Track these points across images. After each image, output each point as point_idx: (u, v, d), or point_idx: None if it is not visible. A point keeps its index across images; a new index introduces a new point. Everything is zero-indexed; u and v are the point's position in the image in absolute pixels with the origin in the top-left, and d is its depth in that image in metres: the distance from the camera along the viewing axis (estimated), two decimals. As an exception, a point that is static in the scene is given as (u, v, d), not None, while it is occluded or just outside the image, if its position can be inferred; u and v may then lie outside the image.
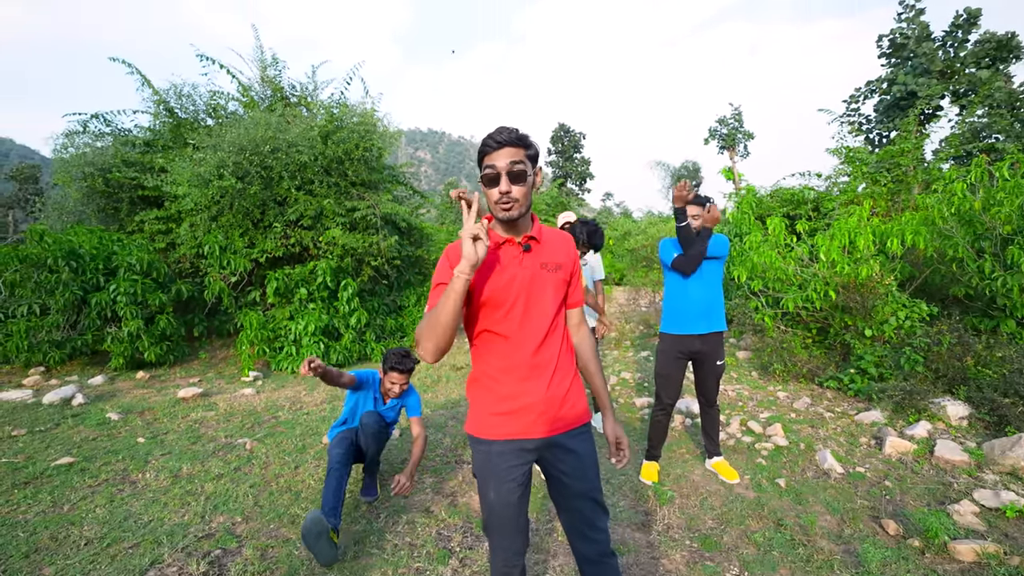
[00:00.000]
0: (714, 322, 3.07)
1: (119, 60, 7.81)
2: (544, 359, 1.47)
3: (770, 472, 3.25)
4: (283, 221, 6.86)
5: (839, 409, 4.23)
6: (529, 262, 1.47)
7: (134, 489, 3.04)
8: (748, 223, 7.11)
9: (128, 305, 5.81)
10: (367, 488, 2.99)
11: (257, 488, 3.06)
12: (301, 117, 7.86)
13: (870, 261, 4.71)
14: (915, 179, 7.23)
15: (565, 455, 1.50)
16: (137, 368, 6.05)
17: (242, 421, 4.36)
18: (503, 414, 1.47)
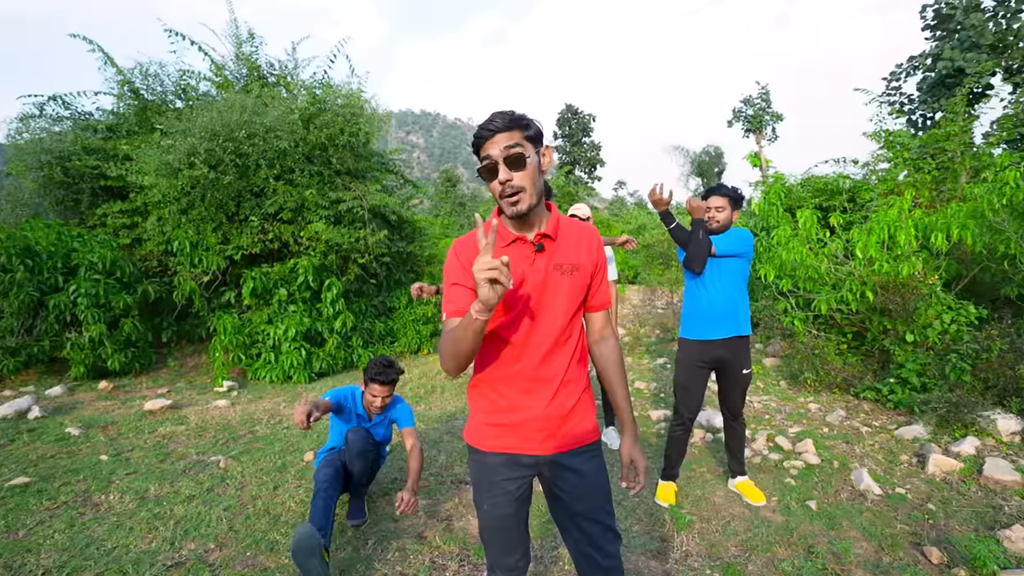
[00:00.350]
0: (738, 325, 3.06)
1: (79, 36, 7.84)
2: (549, 371, 1.47)
3: (800, 493, 3.25)
4: (260, 214, 6.88)
5: (877, 423, 4.23)
6: (541, 263, 1.45)
7: (96, 512, 3.05)
8: (776, 215, 7.09)
9: (89, 308, 5.84)
10: (354, 511, 3.00)
11: (232, 511, 3.07)
12: (280, 99, 7.87)
13: (912, 258, 4.70)
14: (963, 166, 7.21)
15: (565, 473, 1.51)
16: (99, 377, 6.08)
17: (215, 436, 4.38)
18: (499, 426, 1.50)
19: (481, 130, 1.40)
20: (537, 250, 1.46)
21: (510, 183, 1.37)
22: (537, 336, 1.46)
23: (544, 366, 1.46)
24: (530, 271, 1.45)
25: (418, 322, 8.07)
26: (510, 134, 1.38)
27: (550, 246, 1.48)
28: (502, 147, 1.36)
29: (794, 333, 5.43)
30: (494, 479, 1.50)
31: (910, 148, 7.95)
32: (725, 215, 3.06)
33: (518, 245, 1.48)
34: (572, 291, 1.48)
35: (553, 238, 1.48)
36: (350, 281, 7.34)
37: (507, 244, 1.47)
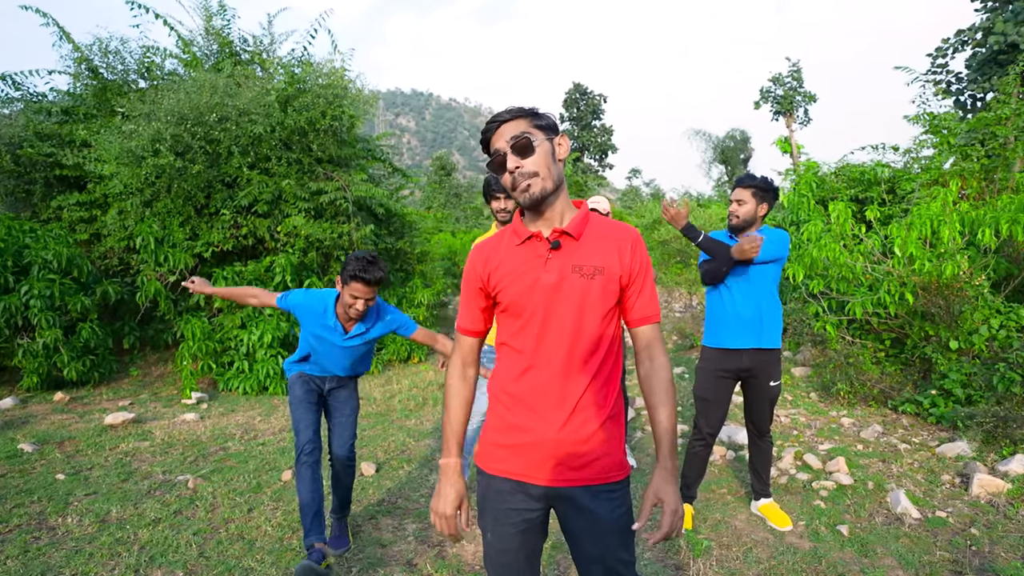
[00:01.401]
0: (764, 336, 3.08)
1: (31, 9, 7.90)
2: (563, 390, 1.45)
3: (830, 517, 3.28)
4: (233, 207, 6.93)
5: (917, 439, 4.26)
6: (556, 263, 1.45)
7: (53, 536, 3.10)
8: (807, 208, 7.13)
9: (43, 311, 5.89)
10: (337, 538, 3.04)
11: (202, 536, 3.12)
12: (255, 78, 7.92)
13: (956, 256, 4.73)
14: (1016, 153, 7.24)
15: (577, 514, 1.49)
16: (55, 388, 6.14)
17: (183, 454, 4.43)
18: (505, 447, 1.51)
19: (488, 124, 1.46)
20: (552, 248, 1.46)
21: (520, 170, 1.41)
22: (548, 347, 1.45)
23: (556, 383, 1.45)
24: (543, 272, 1.45)
25: (408, 327, 8.10)
26: (516, 123, 1.44)
27: (569, 245, 1.47)
28: (508, 137, 1.42)
29: (826, 340, 5.47)
30: (499, 507, 1.50)
31: (957, 133, 7.98)
32: (747, 209, 3.06)
33: (532, 243, 1.49)
34: (594, 297, 1.44)
35: (574, 237, 1.47)
36: (332, 281, 7.40)
37: (521, 242, 1.50)
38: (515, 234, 1.53)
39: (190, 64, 8.14)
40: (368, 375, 7.31)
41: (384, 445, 4.67)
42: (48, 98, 8.16)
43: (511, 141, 1.41)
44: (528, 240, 1.49)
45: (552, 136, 1.48)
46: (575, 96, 39.54)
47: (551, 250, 1.46)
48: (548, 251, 1.47)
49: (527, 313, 1.46)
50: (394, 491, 3.77)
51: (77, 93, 8.06)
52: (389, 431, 5.04)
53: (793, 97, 28.93)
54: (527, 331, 1.47)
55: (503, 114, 1.45)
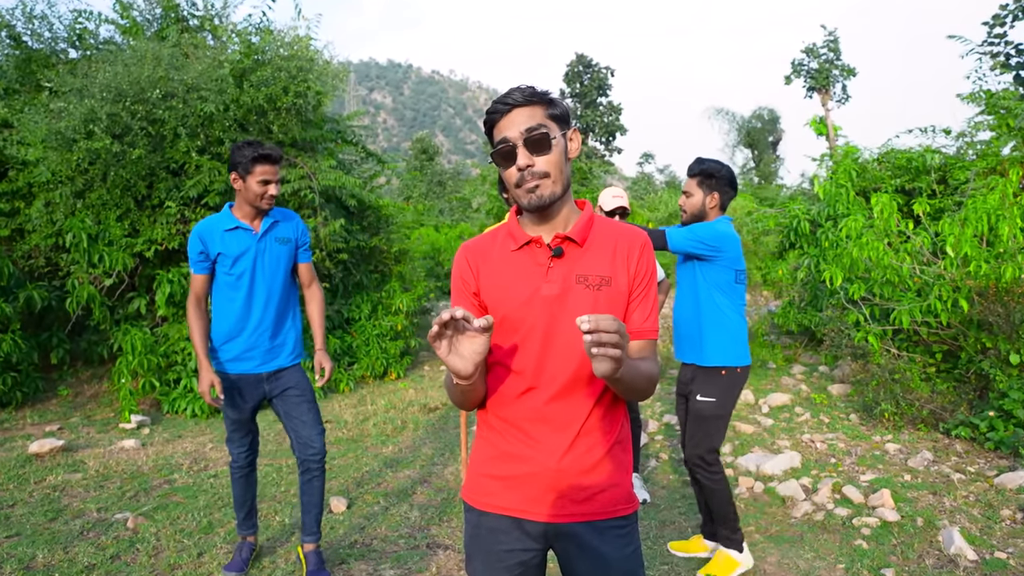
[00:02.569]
0: (689, 350, 3.26)
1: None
2: (565, 413, 1.46)
3: (874, 559, 3.31)
4: (179, 198, 6.91)
5: (972, 468, 4.30)
6: (559, 273, 1.46)
7: (-32, 586, 3.08)
8: (846, 201, 7.19)
9: (-43, 320, 5.85)
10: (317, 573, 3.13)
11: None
12: (205, 48, 7.91)
13: (1018, 257, 4.78)
14: (1084, 137, 7.32)
15: (581, 554, 1.50)
16: (-30, 410, 6.09)
17: (121, 487, 4.40)
18: (499, 478, 1.52)
19: (496, 103, 1.45)
20: (554, 255, 1.47)
21: (531, 169, 1.41)
22: (551, 366, 1.46)
23: (558, 405, 1.46)
24: (543, 282, 1.46)
25: (384, 337, 8.12)
26: (531, 111, 1.43)
27: (573, 252, 1.48)
28: (522, 128, 1.41)
29: (868, 353, 5.50)
30: (491, 547, 1.50)
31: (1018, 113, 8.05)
32: (693, 202, 3.23)
33: (531, 248, 1.50)
34: (602, 310, 1.44)
35: (578, 243, 1.48)
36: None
37: (518, 247, 1.51)
38: (510, 237, 1.54)
39: (129, 31, 8.12)
40: (339, 394, 7.30)
41: (356, 476, 4.66)
42: (-39, 70, 8.12)
43: (525, 133, 1.41)
44: (526, 246, 1.50)
45: (566, 130, 1.49)
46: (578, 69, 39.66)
47: (553, 258, 1.47)
48: (549, 259, 1.48)
49: (525, 328, 1.47)
50: (368, 530, 3.77)
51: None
52: (362, 459, 5.03)
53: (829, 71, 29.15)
54: (526, 348, 1.48)
55: (515, 95, 1.44)
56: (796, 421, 5.54)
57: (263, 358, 3.07)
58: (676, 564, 3.35)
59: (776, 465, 4.46)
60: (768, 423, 5.51)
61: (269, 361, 3.09)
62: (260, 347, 3.06)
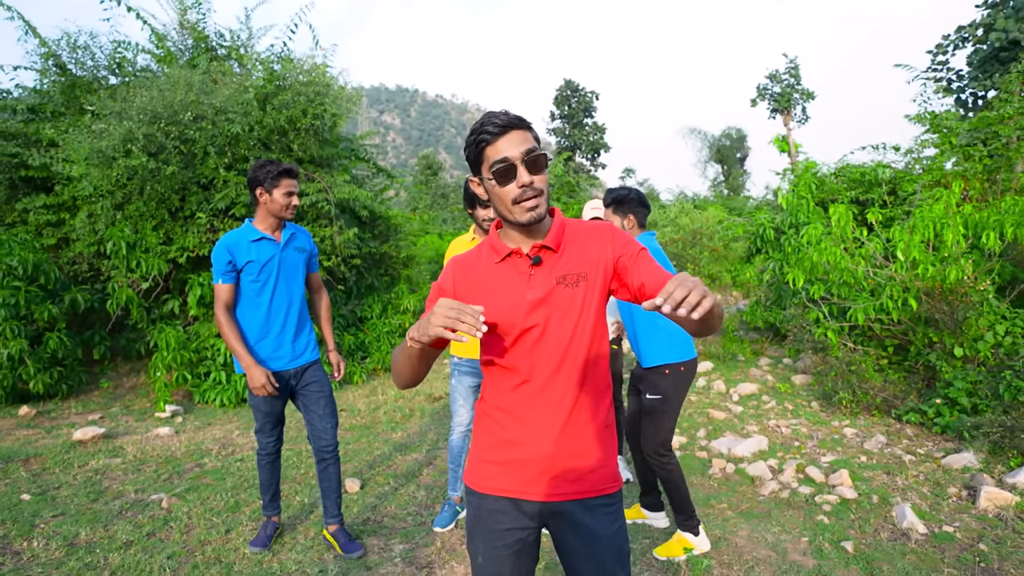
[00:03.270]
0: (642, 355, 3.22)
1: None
2: (556, 401, 1.47)
3: (834, 533, 3.29)
4: (209, 210, 6.86)
5: (922, 450, 4.29)
6: (541, 279, 1.48)
7: (18, 562, 3.04)
8: (806, 210, 7.18)
9: (8, 320, 5.80)
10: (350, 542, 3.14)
11: (177, 560, 3.07)
12: (232, 75, 7.86)
13: (960, 260, 4.78)
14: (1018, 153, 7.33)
15: (574, 531, 1.50)
16: (20, 401, 6.04)
17: (157, 471, 4.36)
18: (497, 463, 1.52)
19: (488, 126, 1.42)
20: (534, 263, 1.48)
21: (533, 185, 1.41)
22: (542, 361, 1.47)
23: (549, 394, 1.47)
24: (528, 289, 1.47)
25: (394, 334, 8.08)
26: (523, 134, 1.43)
27: (550, 258, 1.50)
28: (522, 149, 1.40)
29: (827, 347, 5.50)
30: (492, 527, 1.51)
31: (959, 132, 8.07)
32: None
33: (513, 260, 1.51)
34: (581, 305, 1.47)
35: (554, 249, 1.49)
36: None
37: (501, 259, 1.51)
38: (493, 251, 1.54)
39: (164, 60, 8.07)
40: (353, 386, 7.26)
41: (369, 459, 4.63)
42: (13, 95, 8.06)
43: (526, 154, 1.40)
44: (508, 257, 1.51)
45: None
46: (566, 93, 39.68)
47: (533, 266, 1.49)
48: (530, 267, 1.49)
49: (515, 331, 1.47)
50: (380, 508, 3.74)
51: (44, 90, 7.95)
52: (374, 444, 5.00)
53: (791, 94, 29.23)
54: (518, 349, 1.48)
55: (513, 118, 1.43)
56: (763, 408, 5.52)
57: (290, 356, 3.06)
58: (658, 539, 3.32)
59: (746, 448, 4.45)
60: (738, 410, 5.49)
61: (296, 359, 3.08)
62: (286, 346, 3.05)
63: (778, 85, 29.53)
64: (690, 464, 4.38)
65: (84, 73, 7.89)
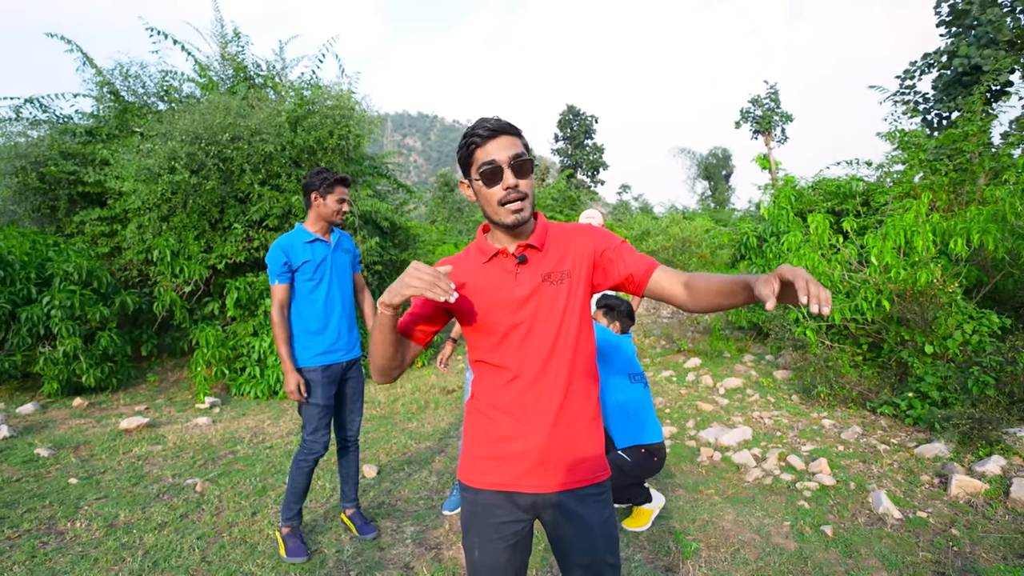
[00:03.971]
0: None
1: (57, 36, 7.83)
2: (546, 395, 1.38)
3: (814, 517, 3.16)
4: (245, 221, 6.82)
5: (895, 440, 4.14)
6: (527, 277, 1.39)
7: (61, 541, 2.97)
8: (786, 220, 7.04)
9: (64, 320, 5.77)
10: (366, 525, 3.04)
11: (206, 540, 2.99)
12: (267, 100, 7.84)
13: (930, 265, 4.63)
14: (980, 168, 7.15)
15: (566, 520, 1.41)
16: (74, 393, 6.00)
17: (194, 457, 4.29)
18: (491, 458, 1.42)
19: (478, 130, 1.34)
20: (519, 262, 1.40)
21: (518, 188, 1.33)
22: (531, 357, 1.38)
23: (539, 389, 1.38)
24: (514, 287, 1.39)
25: (411, 333, 7.99)
26: (512, 139, 1.35)
27: (535, 257, 1.41)
28: (509, 153, 1.33)
29: (806, 344, 5.35)
30: (487, 520, 1.41)
31: (926, 149, 7.90)
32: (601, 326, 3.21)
33: (499, 259, 1.42)
34: (567, 301, 1.39)
35: (538, 248, 1.41)
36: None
37: (488, 259, 1.43)
38: (480, 252, 1.45)
39: (206, 87, 8.06)
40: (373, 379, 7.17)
41: (386, 447, 4.54)
42: (73, 120, 8.07)
43: (513, 159, 1.33)
44: (495, 257, 1.42)
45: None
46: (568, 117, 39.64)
47: (518, 264, 1.40)
48: (516, 266, 1.40)
49: (503, 328, 1.39)
50: (394, 493, 3.64)
51: (100, 115, 7.97)
52: (391, 433, 4.90)
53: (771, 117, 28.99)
54: (506, 345, 1.39)
55: (503, 124, 1.34)
56: (748, 401, 5.38)
57: (346, 349, 2.94)
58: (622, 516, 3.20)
59: (731, 437, 4.32)
60: (724, 402, 5.35)
61: (349, 351, 2.97)
62: (342, 339, 2.93)
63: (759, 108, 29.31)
64: (680, 452, 4.25)
65: (135, 99, 7.90)
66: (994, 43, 14.53)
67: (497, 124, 1.33)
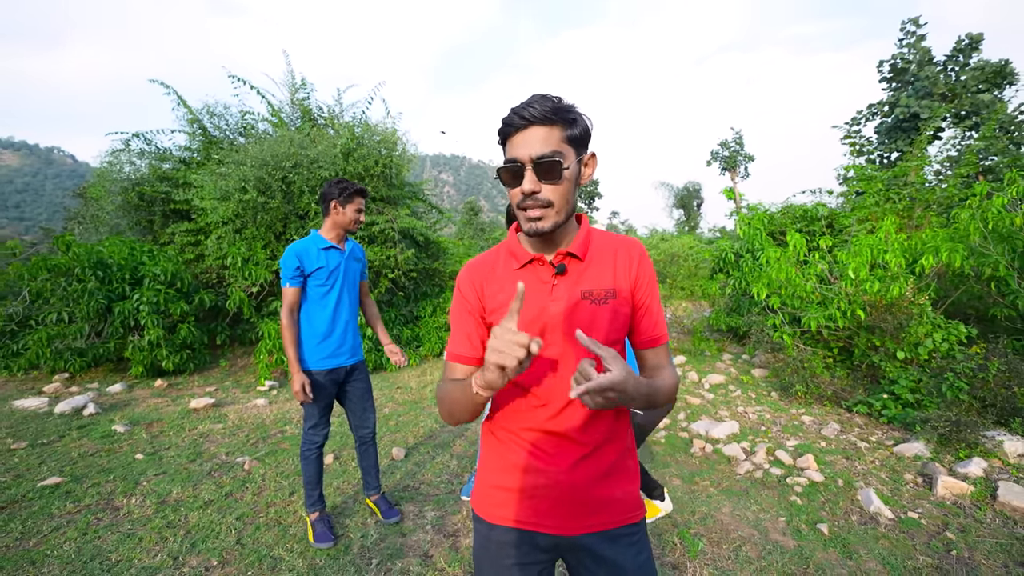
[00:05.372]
0: None
1: (157, 82, 7.61)
2: (576, 425, 0.95)
3: (808, 514, 2.66)
4: (304, 234, 6.48)
5: (874, 438, 3.61)
6: (564, 290, 0.96)
7: (114, 518, 2.58)
8: (760, 239, 6.51)
9: (150, 314, 5.46)
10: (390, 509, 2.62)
11: (244, 520, 2.58)
12: (326, 136, 7.53)
13: (902, 279, 4.10)
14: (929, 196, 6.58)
15: (596, 565, 0.96)
16: (157, 376, 5.68)
17: (247, 436, 3.91)
18: (508, 490, 0.98)
19: (512, 117, 0.88)
20: (557, 273, 0.95)
21: (536, 195, 0.88)
22: (561, 382, 0.94)
23: (569, 418, 0.95)
24: (549, 300, 0.94)
25: (441, 329, 7.58)
26: (548, 131, 0.88)
27: (576, 268, 0.96)
28: (534, 152, 0.87)
29: (783, 347, 4.82)
30: (501, 561, 0.97)
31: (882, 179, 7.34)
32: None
33: (534, 267, 0.97)
34: (608, 324, 0.95)
35: (580, 258, 0.96)
36: (381, 293, 6.91)
37: (520, 266, 0.97)
38: (512, 256, 0.99)
39: (277, 125, 7.78)
40: (408, 368, 6.77)
41: (415, 431, 4.11)
42: (171, 151, 7.85)
43: (538, 159, 0.86)
44: (529, 264, 0.97)
45: (582, 154, 0.93)
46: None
47: (556, 275, 0.95)
48: (553, 276, 0.95)
49: None
50: (419, 476, 3.21)
51: (191, 147, 7.74)
52: (420, 418, 4.48)
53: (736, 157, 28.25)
54: (535, 366, 0.94)
55: (535, 108, 0.87)
56: (731, 396, 4.86)
57: (349, 353, 2.51)
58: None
59: (721, 431, 3.82)
60: (710, 397, 4.84)
61: (353, 355, 2.53)
62: (347, 344, 2.49)
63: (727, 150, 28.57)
64: (674, 443, 3.76)
65: (219, 134, 7.64)
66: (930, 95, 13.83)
67: (533, 114, 0.88)
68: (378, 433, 3.91)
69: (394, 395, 5.21)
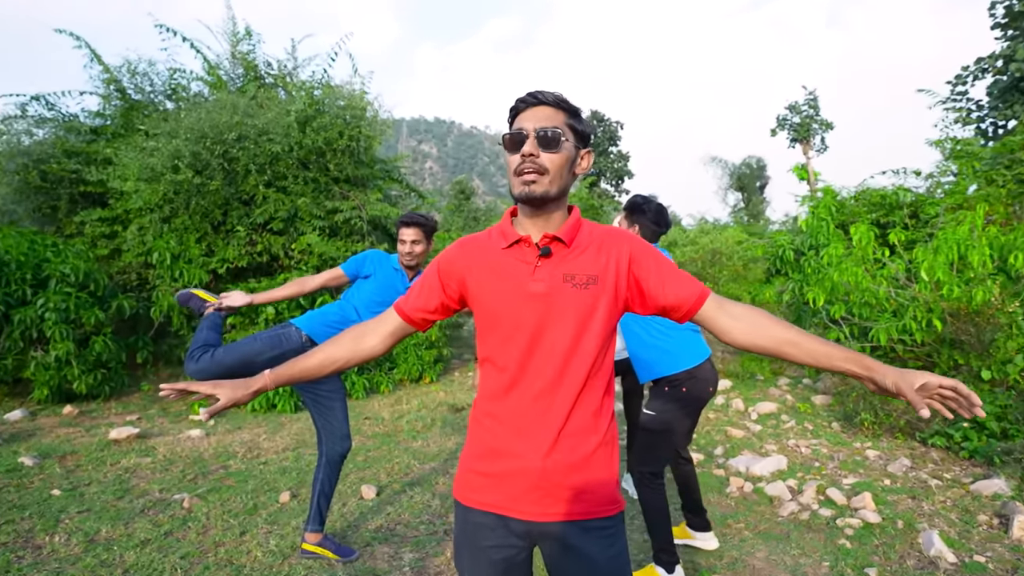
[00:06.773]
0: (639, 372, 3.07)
1: (65, 32, 8.05)
2: (550, 411, 1.27)
3: (857, 559, 2.99)
4: (248, 224, 6.89)
5: (949, 475, 3.94)
6: (547, 272, 1.28)
7: (37, 556, 2.94)
8: (826, 232, 6.87)
9: (58, 324, 5.83)
10: (341, 547, 2.99)
11: (189, 560, 2.93)
12: (276, 100, 7.95)
13: (987, 282, 4.45)
14: (1043, 179, 6.93)
15: (566, 554, 1.29)
16: (65, 400, 6.05)
17: (183, 471, 4.26)
18: (484, 475, 1.33)
19: (524, 96, 1.32)
20: (542, 255, 1.29)
21: (534, 159, 1.25)
22: (536, 363, 1.28)
23: (543, 403, 1.27)
24: (531, 281, 1.28)
25: (420, 346, 7.94)
26: (554, 112, 1.30)
27: (560, 252, 1.30)
28: (539, 123, 1.27)
29: (848, 367, 5.16)
30: (478, 543, 1.32)
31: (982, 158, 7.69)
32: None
33: (520, 247, 1.32)
34: (588, 309, 1.27)
35: (566, 243, 1.30)
36: (345, 299, 7.28)
37: (507, 245, 1.33)
38: (502, 235, 1.36)
39: (215, 86, 8.21)
40: (378, 395, 7.13)
41: (388, 467, 4.46)
42: (79, 118, 8.26)
43: (540, 130, 1.26)
44: (515, 244, 1.33)
45: (581, 147, 1.35)
46: (592, 123, 39.68)
47: (540, 257, 1.30)
48: (537, 258, 1.30)
49: (509, 325, 1.29)
50: (393, 516, 3.56)
51: (106, 113, 8.16)
52: (394, 452, 4.83)
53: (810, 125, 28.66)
54: (511, 345, 1.29)
55: (547, 94, 1.30)
56: (782, 427, 5.20)
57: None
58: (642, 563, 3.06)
59: (764, 467, 4.15)
60: (756, 428, 5.18)
61: None
62: None
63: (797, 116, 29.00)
64: (707, 482, 4.10)
65: (142, 97, 8.07)
66: (1055, 47, 14.22)
67: (543, 95, 1.30)
68: (344, 470, 4.25)
69: (362, 427, 5.57)
